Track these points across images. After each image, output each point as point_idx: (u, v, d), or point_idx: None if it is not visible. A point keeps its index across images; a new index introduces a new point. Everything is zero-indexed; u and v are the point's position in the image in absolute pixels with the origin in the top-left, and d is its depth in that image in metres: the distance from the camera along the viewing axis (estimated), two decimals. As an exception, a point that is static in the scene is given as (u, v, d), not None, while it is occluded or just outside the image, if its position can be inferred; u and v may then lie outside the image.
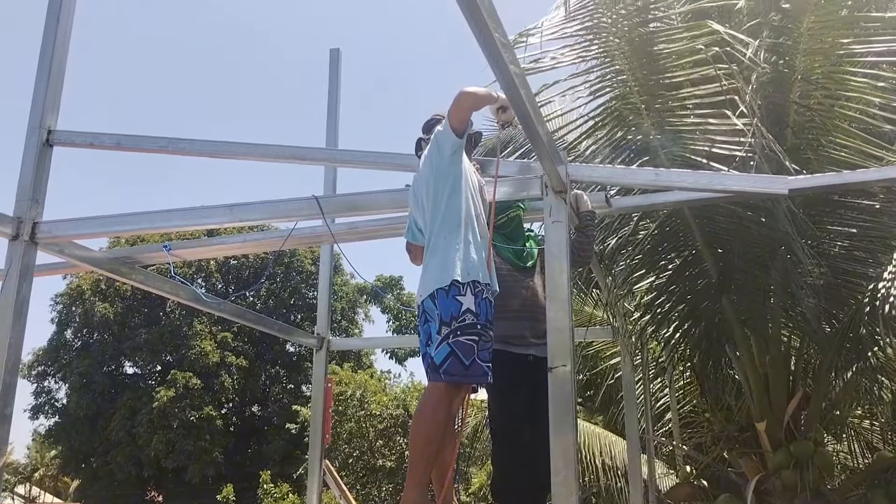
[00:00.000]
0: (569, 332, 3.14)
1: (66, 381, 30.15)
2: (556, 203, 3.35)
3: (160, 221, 4.27)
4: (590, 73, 4.94)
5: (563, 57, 4.87)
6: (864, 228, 5.11)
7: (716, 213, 5.18)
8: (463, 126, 3.39)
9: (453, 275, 3.21)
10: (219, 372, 29.23)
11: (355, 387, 19.39)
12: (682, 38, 4.65)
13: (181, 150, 4.37)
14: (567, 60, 4.86)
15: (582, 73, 4.95)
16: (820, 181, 3.79)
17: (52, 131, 4.16)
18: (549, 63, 4.86)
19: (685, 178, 3.86)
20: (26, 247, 3.89)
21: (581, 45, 4.89)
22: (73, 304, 30.25)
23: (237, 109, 57.69)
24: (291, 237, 4.47)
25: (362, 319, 34.40)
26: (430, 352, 3.25)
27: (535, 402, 3.43)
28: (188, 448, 27.50)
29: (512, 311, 3.88)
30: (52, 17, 4.27)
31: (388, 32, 66.47)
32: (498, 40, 2.41)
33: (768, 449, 5.64)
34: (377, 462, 18.62)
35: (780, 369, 5.76)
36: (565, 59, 4.86)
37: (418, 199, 3.53)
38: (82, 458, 30.32)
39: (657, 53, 4.76)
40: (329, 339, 6.44)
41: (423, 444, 3.22)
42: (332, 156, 5.27)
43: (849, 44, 4.68)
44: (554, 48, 4.90)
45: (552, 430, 3.02)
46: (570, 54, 4.88)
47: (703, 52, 4.54)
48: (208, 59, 58.15)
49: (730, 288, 5.49)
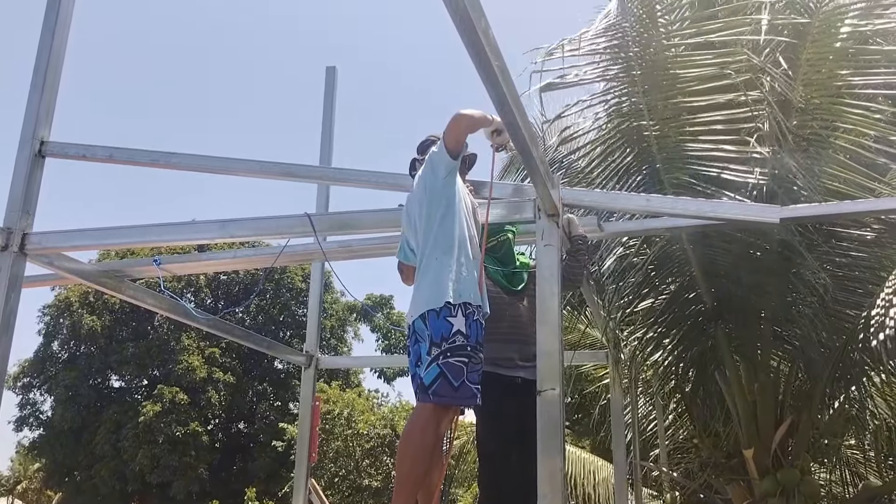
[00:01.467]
0: (558, 356, 3.13)
1: (51, 394, 29.86)
2: (549, 226, 3.35)
3: (151, 235, 4.25)
4: (607, 93, 4.96)
5: (587, 74, 4.90)
6: (856, 258, 5.13)
7: (711, 239, 5.19)
8: (458, 148, 3.40)
9: (445, 296, 3.21)
10: (206, 387, 29.02)
11: (343, 405, 19.30)
12: (699, 64, 4.68)
13: (174, 164, 4.36)
14: (590, 78, 4.89)
15: (599, 94, 4.98)
16: (812, 211, 3.80)
17: (45, 142, 4.14)
18: (572, 79, 4.89)
19: (677, 204, 3.88)
20: (15, 258, 3.87)
21: (605, 62, 4.92)
22: (60, 315, 30.03)
23: (232, 123, 57.74)
24: (283, 254, 4.46)
25: (352, 338, 34.29)
26: (420, 372, 3.24)
27: (524, 426, 3.42)
28: (173, 463, 27.24)
29: (501, 333, 3.88)
30: (48, 31, 4.27)
31: (385, 51, 66.77)
32: (495, 65, 2.42)
33: (755, 476, 5.63)
34: (363, 482, 18.49)
35: (768, 396, 5.76)
36: (587, 77, 4.89)
37: (411, 219, 3.53)
38: (66, 472, 29.99)
39: (670, 77, 4.79)
40: (318, 356, 6.40)
41: (410, 464, 3.20)
42: (326, 174, 5.27)
43: (847, 75, 4.73)
44: (581, 63, 4.93)
45: (539, 454, 3.00)
46: (595, 72, 4.90)
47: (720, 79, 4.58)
48: (203, 72, 58.26)
49: (724, 315, 5.50)
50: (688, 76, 4.77)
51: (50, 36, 4.26)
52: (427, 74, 67.99)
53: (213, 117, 58.44)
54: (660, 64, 4.82)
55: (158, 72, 55.97)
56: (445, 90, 56.20)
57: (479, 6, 2.22)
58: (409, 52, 67.57)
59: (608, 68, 4.91)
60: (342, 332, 33.57)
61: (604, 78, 4.93)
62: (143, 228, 4.18)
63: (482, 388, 3.28)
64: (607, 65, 4.91)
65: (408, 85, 64.19)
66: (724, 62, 4.63)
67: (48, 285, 12.10)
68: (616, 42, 4.87)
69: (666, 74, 4.82)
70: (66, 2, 4.35)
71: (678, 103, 4.82)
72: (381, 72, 62.70)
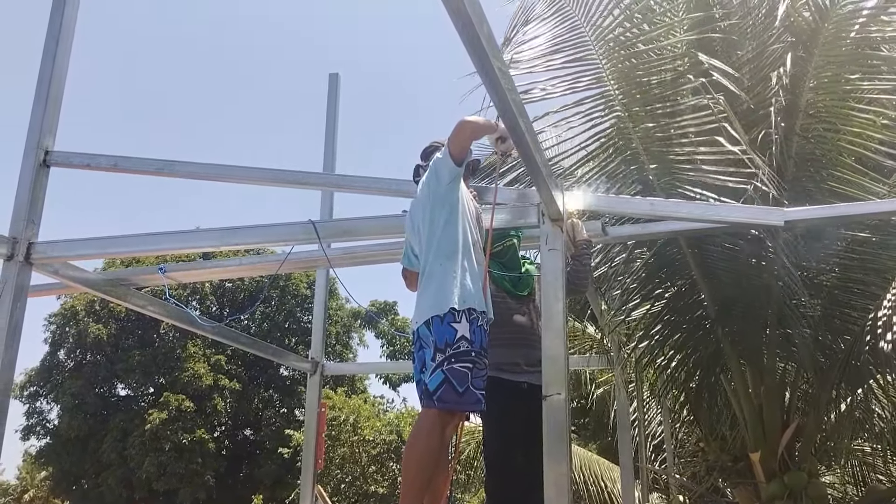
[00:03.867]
0: (564, 361, 3.13)
1: (58, 402, 29.88)
2: (553, 231, 3.35)
3: (155, 244, 4.27)
4: (582, 103, 4.96)
5: (554, 88, 4.89)
6: (862, 260, 5.12)
7: (711, 243, 5.19)
8: (462, 154, 3.41)
9: (450, 302, 3.21)
10: (212, 395, 29.04)
11: (349, 412, 19.28)
12: (674, 69, 4.69)
13: (177, 172, 4.38)
14: (558, 91, 4.88)
15: (573, 104, 4.97)
16: (816, 213, 3.79)
17: (49, 152, 4.17)
18: (538, 94, 4.89)
19: (681, 208, 3.88)
20: (21, 267, 3.89)
21: (571, 76, 4.91)
22: (66, 324, 30.08)
23: (235, 129, 57.85)
24: (287, 261, 4.47)
25: (357, 344, 34.31)
26: (425, 378, 3.25)
27: (529, 430, 3.41)
28: (180, 471, 27.25)
29: (506, 338, 3.88)
30: (52, 40, 4.29)
31: (388, 58, 66.89)
32: (497, 68, 2.43)
33: (762, 479, 5.61)
34: (370, 488, 18.46)
35: (774, 399, 5.74)
36: (556, 91, 4.88)
37: (415, 225, 3.54)
38: (73, 480, 30.02)
39: (648, 83, 4.80)
40: (323, 363, 6.41)
41: (415, 470, 3.20)
42: (329, 180, 5.29)
43: (855, 80, 4.72)
44: (543, 79, 4.93)
45: (545, 459, 3.00)
46: (561, 85, 4.90)
47: (693, 82, 4.58)
48: (205, 79, 58.41)
49: (726, 319, 5.49)
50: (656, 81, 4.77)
51: (54, 45, 4.28)
52: (429, 80, 68.08)
53: (217, 125, 58.57)
54: (629, 72, 4.82)
55: (160, 80, 56.11)
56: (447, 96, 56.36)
57: (481, 11, 2.23)
58: (411, 59, 67.66)
59: (577, 78, 4.91)
60: (347, 338, 33.58)
61: (574, 90, 4.93)
62: (148, 237, 4.19)
63: (488, 394, 3.29)
64: (576, 75, 4.91)
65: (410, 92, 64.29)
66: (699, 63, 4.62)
67: (54, 294, 12.12)
68: (580, 54, 4.87)
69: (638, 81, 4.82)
70: (70, 11, 4.37)
71: (660, 109, 4.82)
72: (383, 78, 62.81)
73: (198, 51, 57.11)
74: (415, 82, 65.21)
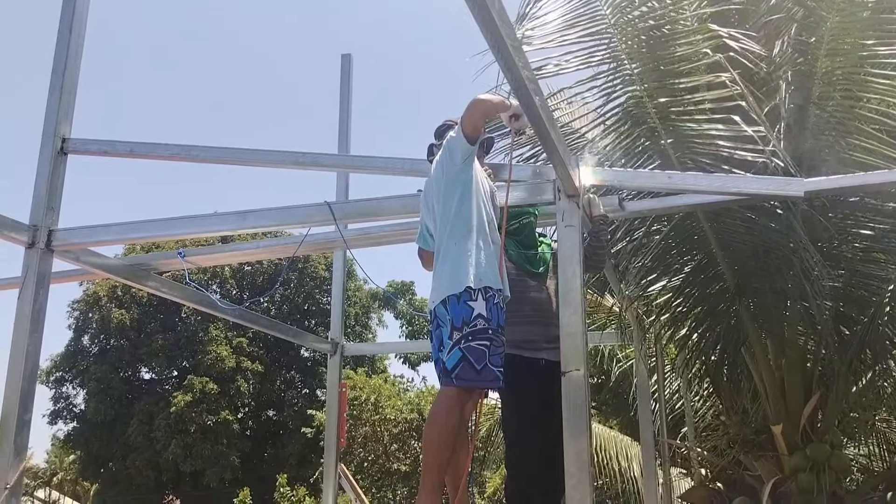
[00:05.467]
0: (582, 337, 3.13)
1: (83, 387, 30.27)
2: (569, 207, 3.34)
3: (174, 228, 4.30)
4: (596, 78, 4.90)
5: (567, 63, 4.84)
6: (882, 230, 5.07)
7: (729, 216, 5.15)
8: (476, 133, 3.39)
9: (466, 281, 3.22)
10: (235, 377, 29.32)
11: (370, 391, 19.40)
12: (690, 43, 4.62)
13: (194, 156, 4.40)
14: (571, 67, 4.83)
15: (588, 79, 4.91)
16: (836, 183, 3.74)
17: (66, 139, 4.19)
18: (552, 70, 4.84)
19: (699, 181, 3.85)
20: (42, 254, 3.93)
21: (585, 51, 4.86)
22: (89, 310, 30.41)
23: (248, 115, 57.91)
24: (305, 243, 4.49)
25: (376, 324, 34.44)
26: (443, 357, 3.26)
27: (548, 406, 3.42)
28: (205, 452, 27.58)
29: (524, 315, 3.88)
30: (65, 28, 4.31)
31: (400, 37, 66.56)
32: (510, 45, 2.41)
33: (784, 452, 5.60)
34: (392, 466, 18.63)
35: (796, 372, 5.72)
36: (569, 66, 4.83)
37: (429, 204, 3.54)
38: (101, 463, 30.47)
39: (666, 58, 4.74)
40: (343, 344, 6.46)
41: (436, 448, 3.22)
42: (344, 162, 5.28)
43: (872, 45, 4.65)
44: (556, 55, 4.87)
45: (566, 435, 3.02)
46: (574, 61, 4.85)
47: (711, 56, 4.51)
48: (218, 65, 58.39)
49: (746, 292, 5.46)
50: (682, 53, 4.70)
51: (67, 33, 4.30)
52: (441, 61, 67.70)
53: (230, 109, 58.62)
54: (653, 43, 4.75)
55: (171, 66, 56.19)
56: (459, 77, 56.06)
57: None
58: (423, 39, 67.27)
59: (592, 53, 4.84)
60: (366, 318, 33.72)
61: (588, 65, 4.87)
62: (166, 222, 4.22)
63: (506, 371, 3.30)
64: (590, 50, 4.84)
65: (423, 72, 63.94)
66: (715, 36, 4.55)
67: (76, 280, 12.24)
68: (593, 29, 4.80)
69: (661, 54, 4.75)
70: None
71: (675, 83, 4.75)
72: (395, 60, 62.52)
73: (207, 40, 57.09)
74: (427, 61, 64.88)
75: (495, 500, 16.12)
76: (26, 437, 3.74)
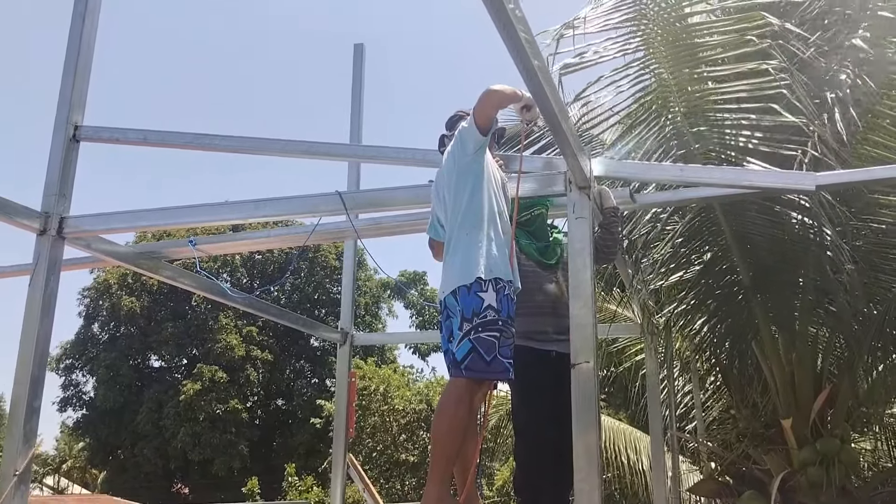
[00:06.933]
0: (592, 329, 3.12)
1: (93, 375, 30.46)
2: (580, 199, 3.33)
3: (185, 217, 4.30)
4: (629, 67, 4.85)
5: (606, 51, 4.78)
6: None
7: (745, 209, 5.11)
8: (488, 124, 3.38)
9: (476, 272, 3.21)
10: (244, 366, 29.44)
11: (379, 381, 19.47)
12: (728, 31, 4.56)
13: (206, 145, 4.39)
14: (610, 55, 4.78)
15: (622, 67, 4.85)
16: (849, 177, 3.72)
17: (79, 127, 4.19)
18: (592, 57, 4.78)
19: (711, 173, 3.82)
20: (53, 241, 3.93)
21: (624, 37, 4.80)
22: (100, 297, 30.55)
23: (260, 105, 57.94)
24: (315, 233, 4.48)
25: (386, 314, 34.52)
26: (452, 348, 3.26)
27: (558, 398, 3.41)
28: (214, 441, 27.72)
29: (534, 306, 3.87)
30: (78, 17, 4.31)
31: (413, 27, 66.39)
32: (522, 36, 2.40)
33: (794, 446, 5.58)
34: (400, 456, 18.70)
35: (806, 366, 5.70)
36: (608, 53, 4.78)
37: (440, 195, 3.53)
38: (110, 451, 30.68)
39: (699, 46, 4.68)
40: (353, 333, 6.46)
41: (444, 439, 3.22)
42: (356, 151, 5.28)
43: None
44: (598, 41, 4.81)
45: (575, 427, 3.01)
46: (613, 47, 4.79)
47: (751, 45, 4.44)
48: (229, 56, 58.43)
49: (759, 285, 5.43)
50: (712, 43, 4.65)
51: (80, 21, 4.30)
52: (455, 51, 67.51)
53: (242, 98, 58.69)
54: (680, 34, 4.70)
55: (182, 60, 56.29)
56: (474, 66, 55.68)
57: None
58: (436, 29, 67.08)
59: (628, 41, 4.79)
60: (376, 308, 33.80)
61: (624, 52, 4.82)
62: (177, 210, 4.22)
63: (516, 362, 3.29)
64: (627, 37, 4.79)
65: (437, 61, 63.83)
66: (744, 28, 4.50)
67: (87, 268, 12.29)
68: (632, 14, 4.74)
69: (689, 43, 4.70)
70: (95, -13, 4.38)
71: (702, 73, 4.71)
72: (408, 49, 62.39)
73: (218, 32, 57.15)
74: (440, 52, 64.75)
75: (504, 493, 16.15)
76: (36, 423, 3.75)
